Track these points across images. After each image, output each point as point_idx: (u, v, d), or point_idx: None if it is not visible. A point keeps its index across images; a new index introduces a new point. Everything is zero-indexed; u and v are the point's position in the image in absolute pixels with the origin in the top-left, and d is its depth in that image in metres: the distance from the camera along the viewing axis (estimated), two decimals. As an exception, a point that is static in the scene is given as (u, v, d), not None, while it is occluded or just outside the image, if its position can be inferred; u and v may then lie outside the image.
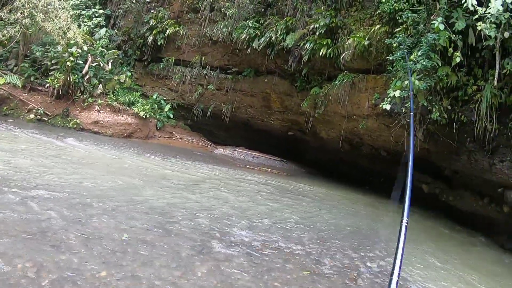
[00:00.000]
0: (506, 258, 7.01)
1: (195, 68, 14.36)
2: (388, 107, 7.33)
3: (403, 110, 7.47)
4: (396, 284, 1.87)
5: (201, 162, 10.56)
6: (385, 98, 7.43)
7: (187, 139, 14.56)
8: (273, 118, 12.90)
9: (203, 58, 14.21)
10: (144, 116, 13.32)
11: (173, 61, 14.94)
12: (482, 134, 6.78)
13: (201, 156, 12.36)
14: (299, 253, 4.93)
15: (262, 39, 11.33)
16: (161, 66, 15.24)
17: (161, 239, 4.36)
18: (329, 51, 9.71)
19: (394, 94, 7.14)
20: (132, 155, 9.55)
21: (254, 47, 11.54)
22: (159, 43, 14.89)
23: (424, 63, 6.80)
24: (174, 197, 6.30)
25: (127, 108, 13.40)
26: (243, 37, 11.78)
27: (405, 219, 2.42)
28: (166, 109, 14.78)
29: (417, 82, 6.74)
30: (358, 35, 9.02)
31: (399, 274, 1.96)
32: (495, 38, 6.23)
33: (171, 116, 14.86)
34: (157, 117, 14.26)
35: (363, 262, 5.09)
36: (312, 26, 10.23)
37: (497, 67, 6.40)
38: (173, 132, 14.57)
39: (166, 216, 5.17)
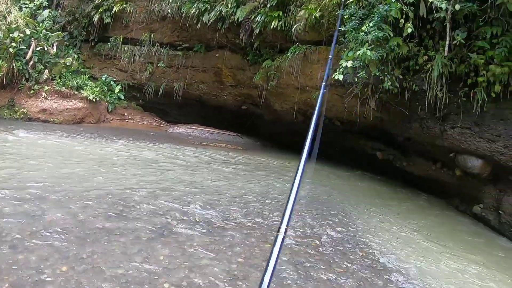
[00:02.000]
0: (461, 218, 7.45)
1: (144, 46, 13.87)
2: (340, 77, 7.39)
3: (355, 80, 7.56)
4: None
5: (156, 142, 10.32)
6: (338, 69, 7.47)
7: (140, 120, 14.16)
8: (226, 93, 12.75)
9: (152, 35, 13.73)
10: (94, 100, 12.76)
11: (121, 40, 14.32)
12: (433, 102, 6.96)
13: (155, 136, 12.08)
14: (261, 226, 4.94)
15: (212, 13, 11.05)
16: (109, 46, 14.58)
17: (120, 226, 4.22)
18: (280, 23, 9.62)
19: (346, 65, 7.19)
20: (84, 141, 9.15)
21: (204, 21, 11.26)
22: (105, 22, 14.19)
23: (376, 33, 6.85)
24: (130, 180, 6.10)
25: (76, 92, 12.75)
26: (192, 12, 11.44)
27: (283, 228, 2.07)
28: (116, 90, 14.21)
29: (369, 52, 6.80)
30: (309, 7, 8.96)
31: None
32: (446, 10, 6.40)
33: (122, 97, 14.32)
34: (108, 99, 13.69)
35: (324, 230, 5.17)
36: (263, -1, 10.09)
37: (448, 38, 6.58)
38: (125, 114, 14.09)
39: (124, 201, 5.00)
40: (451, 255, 5.21)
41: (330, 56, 4.61)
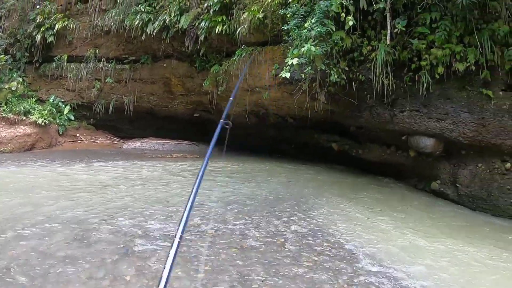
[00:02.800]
0: (420, 196, 7.78)
1: (90, 62, 13.49)
2: (287, 75, 7.51)
3: (303, 76, 7.68)
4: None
5: (110, 161, 10.07)
6: (284, 67, 7.58)
7: (93, 139, 13.78)
8: (177, 102, 12.61)
9: (97, 50, 13.40)
10: (43, 124, 12.26)
11: (66, 58, 13.89)
12: (381, 89, 7.19)
13: (110, 154, 11.77)
14: (224, 232, 4.92)
15: (156, 23, 10.90)
16: (54, 65, 14.11)
17: (83, 251, 4.10)
18: (225, 27, 9.64)
19: (292, 62, 7.29)
20: (37, 168, 8.77)
21: (149, 32, 11.08)
22: (48, 41, 13.73)
23: (319, 29, 6.98)
24: (87, 203, 5.91)
25: (24, 118, 12.20)
26: (136, 23, 11.23)
27: (178, 234, 2.16)
28: (65, 111, 13.79)
29: (313, 48, 6.92)
30: (252, 9, 9.02)
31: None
32: (385, 0, 6.67)
33: (72, 118, 13.91)
34: (58, 121, 13.24)
35: (288, 226, 5.21)
36: (206, 4, 10.05)
37: (389, 27, 6.86)
38: (77, 135, 13.68)
39: (83, 224, 4.85)
40: (416, 234, 5.37)
41: (231, 98, 4.68)
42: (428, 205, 7.12)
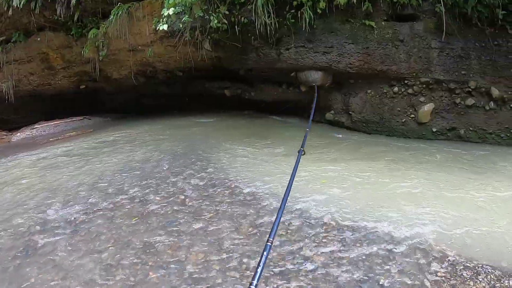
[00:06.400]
0: (319, 126, 8.07)
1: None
2: (165, 27, 7.11)
3: (181, 26, 7.32)
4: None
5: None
6: (161, 20, 7.15)
7: (-24, 139, 12.24)
8: (60, 77, 11.52)
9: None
10: None
11: None
12: (264, 30, 7.10)
13: (-3, 151, 10.56)
14: (123, 203, 4.67)
15: (22, -6, 9.64)
16: None
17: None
18: (95, -14, 8.82)
19: (168, 13, 6.89)
20: None
21: (15, 5, 9.74)
22: None
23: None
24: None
25: None
26: (0, -3, 9.88)
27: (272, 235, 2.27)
28: None
29: (188, -5, 6.59)
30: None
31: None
32: None
33: None
34: None
35: (187, 182, 5.06)
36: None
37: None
38: (-44, 138, 12.06)
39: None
40: (314, 163, 5.52)
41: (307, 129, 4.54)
42: (323, 135, 7.37)
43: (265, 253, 2.07)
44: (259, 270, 1.96)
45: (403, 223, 3.72)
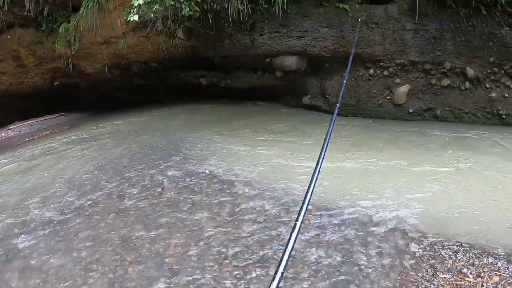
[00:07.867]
0: (296, 111, 8.11)
1: None
2: (136, 17, 6.92)
3: (152, 16, 7.17)
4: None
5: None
6: (131, 10, 6.97)
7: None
8: (33, 74, 11.20)
9: None
10: None
11: None
12: (237, 16, 7.01)
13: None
14: (100, 199, 4.62)
15: (-12, -9, 9.28)
16: None
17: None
18: (60, -22, 8.56)
19: (138, 3, 6.71)
20: None
21: (-20, 2, 9.44)
22: None
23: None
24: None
25: None
26: (-36, -4, 9.45)
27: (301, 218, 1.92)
28: None
29: (156, -16, 6.43)
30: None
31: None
32: None
33: None
34: None
35: (164, 174, 5.02)
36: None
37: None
38: None
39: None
40: (295, 152, 5.52)
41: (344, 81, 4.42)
42: (301, 119, 7.39)
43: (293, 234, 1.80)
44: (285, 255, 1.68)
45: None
